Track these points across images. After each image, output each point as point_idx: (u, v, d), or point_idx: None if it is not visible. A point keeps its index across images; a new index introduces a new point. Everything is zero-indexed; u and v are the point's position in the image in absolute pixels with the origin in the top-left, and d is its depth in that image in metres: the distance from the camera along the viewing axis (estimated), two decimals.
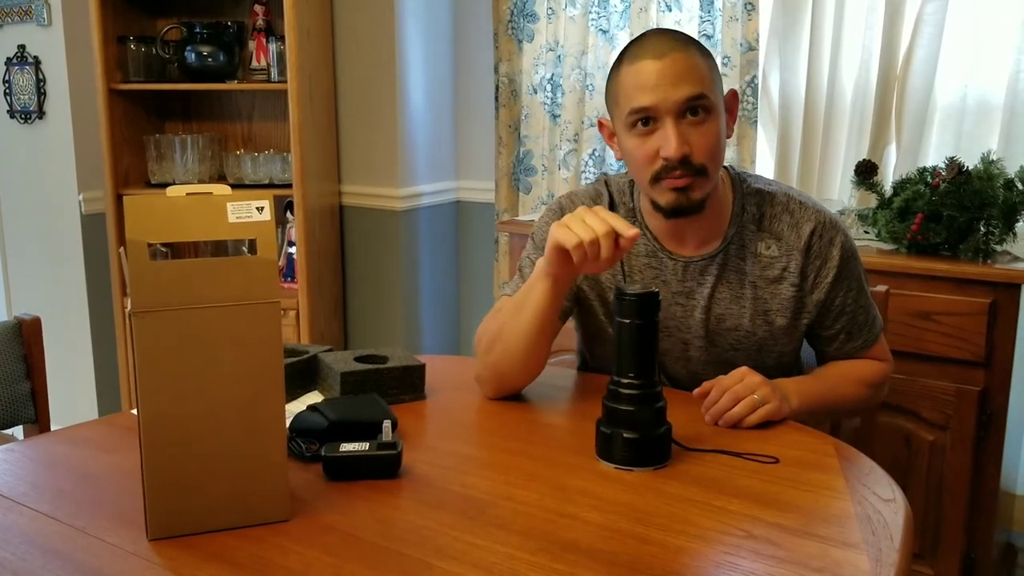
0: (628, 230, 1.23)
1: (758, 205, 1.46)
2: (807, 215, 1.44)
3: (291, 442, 1.19)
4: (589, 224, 1.24)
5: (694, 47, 1.35)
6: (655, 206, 1.41)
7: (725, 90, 1.41)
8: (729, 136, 1.41)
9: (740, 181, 1.48)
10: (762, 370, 1.37)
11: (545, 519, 1.04)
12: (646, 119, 1.33)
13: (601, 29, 2.78)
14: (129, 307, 0.96)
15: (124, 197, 0.97)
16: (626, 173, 1.53)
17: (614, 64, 1.41)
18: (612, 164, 2.87)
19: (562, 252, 1.27)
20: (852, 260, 1.46)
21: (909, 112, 2.42)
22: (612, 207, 1.51)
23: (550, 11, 2.87)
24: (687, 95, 1.31)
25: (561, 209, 1.53)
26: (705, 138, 1.33)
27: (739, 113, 2.54)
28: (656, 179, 1.36)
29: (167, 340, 0.96)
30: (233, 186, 2.89)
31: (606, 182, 1.55)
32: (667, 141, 1.31)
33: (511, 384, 1.44)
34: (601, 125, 1.49)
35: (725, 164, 1.46)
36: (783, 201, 1.46)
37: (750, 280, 1.44)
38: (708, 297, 1.45)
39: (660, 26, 2.66)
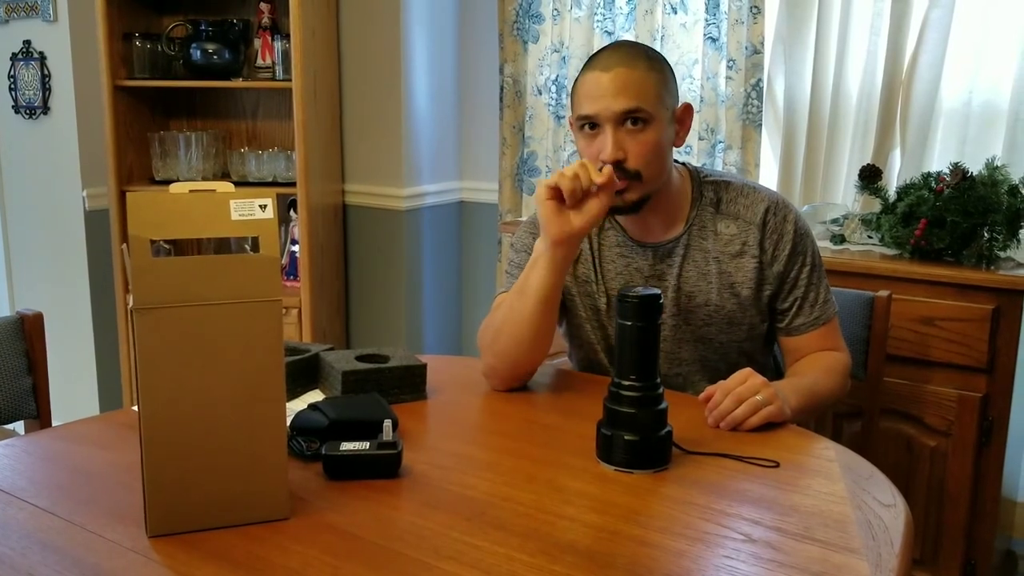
0: (597, 174, 1.39)
1: (715, 191, 1.58)
2: (760, 197, 1.57)
3: (291, 440, 1.19)
4: (567, 171, 1.39)
5: (643, 63, 1.47)
6: None
7: (680, 102, 1.54)
8: (679, 145, 1.55)
9: (697, 172, 1.61)
10: (736, 344, 1.56)
11: (544, 520, 1.04)
12: (592, 124, 1.47)
13: (606, 31, 2.78)
14: (131, 303, 0.96)
15: (127, 193, 0.97)
16: None
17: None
18: None
19: (556, 193, 1.40)
20: (806, 236, 1.58)
21: (914, 117, 2.41)
22: None
23: (555, 12, 2.87)
24: (624, 108, 1.44)
25: (536, 223, 1.61)
26: (640, 146, 1.46)
27: (744, 116, 2.54)
28: None
29: (169, 337, 0.96)
30: (237, 184, 2.92)
31: None
32: (604, 146, 1.46)
33: (522, 369, 1.50)
34: (571, 123, 1.60)
35: (683, 162, 1.61)
36: (737, 187, 1.59)
37: (714, 256, 1.55)
38: (677, 277, 1.56)
39: (663, 29, 2.68)
